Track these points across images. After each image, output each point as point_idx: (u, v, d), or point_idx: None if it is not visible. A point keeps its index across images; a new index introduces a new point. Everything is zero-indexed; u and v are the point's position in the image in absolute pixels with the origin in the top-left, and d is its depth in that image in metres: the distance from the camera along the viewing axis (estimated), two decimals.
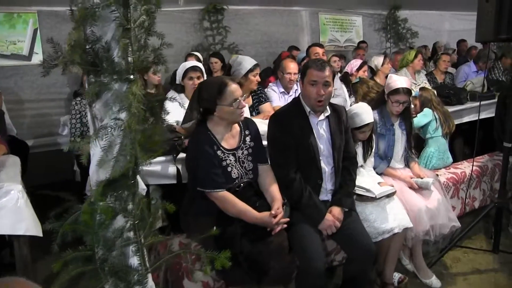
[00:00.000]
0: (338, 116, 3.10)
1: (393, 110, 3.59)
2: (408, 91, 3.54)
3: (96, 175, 2.08)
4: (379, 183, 3.44)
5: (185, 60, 5.21)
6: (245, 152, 2.90)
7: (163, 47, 2.24)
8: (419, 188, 3.54)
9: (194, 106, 2.86)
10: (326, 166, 3.04)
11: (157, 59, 2.25)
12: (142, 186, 3.03)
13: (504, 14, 3.22)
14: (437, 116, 4.28)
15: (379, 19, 9.22)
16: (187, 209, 2.94)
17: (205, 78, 4.13)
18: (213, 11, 7.12)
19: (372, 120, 3.37)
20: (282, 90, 4.64)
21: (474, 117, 5.08)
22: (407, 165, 3.80)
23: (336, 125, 3.07)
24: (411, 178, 3.60)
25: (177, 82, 4.09)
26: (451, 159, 4.39)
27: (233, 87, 2.73)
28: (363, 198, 3.28)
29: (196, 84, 3.99)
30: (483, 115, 5.06)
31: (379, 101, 3.72)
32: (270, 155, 3.04)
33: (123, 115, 1.89)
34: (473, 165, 4.06)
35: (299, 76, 3.29)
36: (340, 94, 4.89)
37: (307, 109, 2.98)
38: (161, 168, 3.20)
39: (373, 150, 3.55)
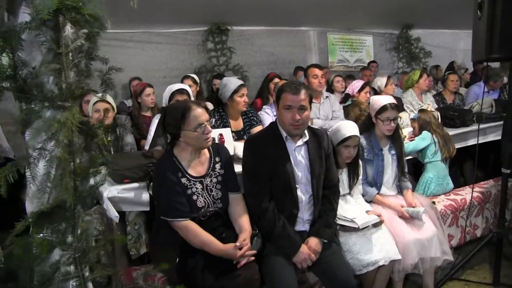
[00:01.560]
0: (318, 141, 2.93)
1: (385, 130, 3.42)
2: (395, 106, 3.39)
3: (31, 205, 1.96)
4: (367, 211, 3.26)
5: (182, 82, 5.08)
6: (214, 180, 2.76)
7: (111, 71, 2.09)
8: (411, 218, 3.32)
9: (159, 132, 2.73)
10: (303, 195, 2.86)
11: (106, 84, 2.11)
12: (113, 214, 2.94)
13: (496, 33, 3.03)
14: (436, 140, 4.06)
15: (390, 38, 9.01)
16: (154, 238, 2.82)
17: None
18: (217, 32, 7.06)
19: (357, 134, 3.20)
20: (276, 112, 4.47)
21: (481, 140, 4.85)
22: (400, 192, 3.59)
23: (316, 151, 2.89)
24: (402, 206, 3.39)
25: (164, 105, 3.99)
26: (451, 185, 4.15)
27: (198, 111, 2.60)
28: (346, 228, 3.10)
29: None
30: (490, 138, 4.86)
31: (365, 125, 3.54)
32: (244, 183, 2.88)
33: (50, 145, 1.77)
34: (472, 191, 3.82)
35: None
36: (338, 116, 4.72)
37: (284, 134, 2.83)
38: (134, 194, 3.07)
39: (360, 178, 3.36)
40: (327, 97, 4.89)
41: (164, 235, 2.69)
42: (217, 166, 2.79)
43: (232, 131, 4.00)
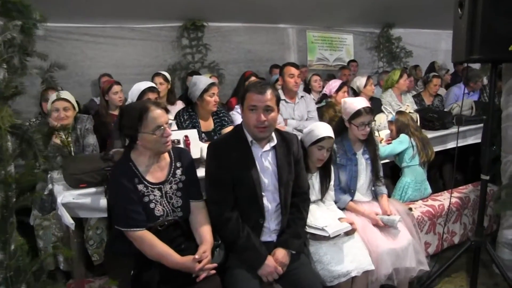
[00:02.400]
0: (287, 146, 2.73)
1: (359, 135, 3.25)
2: (370, 110, 3.23)
3: None
4: (339, 219, 3.08)
5: (152, 80, 4.86)
6: (174, 186, 2.55)
7: (53, 69, 1.87)
8: (385, 226, 3.15)
9: (116, 134, 2.51)
10: (270, 203, 2.67)
11: (48, 83, 1.88)
12: (68, 221, 2.73)
13: (476, 32, 2.86)
14: (414, 143, 3.90)
15: (371, 37, 8.87)
16: (109, 247, 2.61)
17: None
18: (192, 28, 6.82)
19: (332, 136, 3.04)
20: None
21: (461, 142, 4.74)
22: (375, 197, 3.42)
23: (284, 156, 2.70)
24: (377, 214, 3.22)
25: None
26: (429, 190, 4.00)
27: (156, 112, 2.39)
28: (316, 237, 2.92)
29: None
30: (470, 141, 4.74)
31: (338, 129, 3.36)
32: (206, 190, 2.69)
33: None
34: (451, 197, 3.66)
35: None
36: (313, 117, 4.56)
37: (249, 138, 2.62)
38: (91, 200, 2.88)
39: (332, 182, 3.19)
40: (302, 97, 4.71)
41: (119, 244, 2.48)
42: (178, 171, 2.58)
43: (202, 132, 3.83)
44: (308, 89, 5.97)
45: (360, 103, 3.27)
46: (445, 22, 7.83)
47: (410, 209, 3.55)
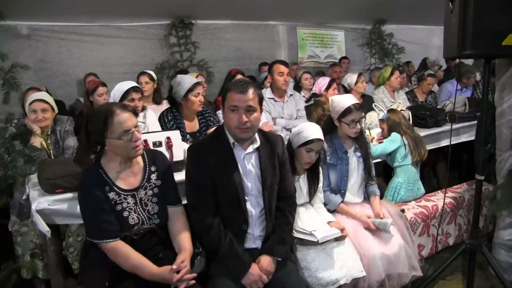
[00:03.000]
0: (272, 148, 2.60)
1: (350, 133, 3.14)
2: (360, 107, 3.12)
3: None
4: (329, 222, 2.96)
5: (137, 80, 4.72)
6: (149, 192, 2.42)
7: (15, 69, 1.73)
8: (377, 230, 3.03)
9: (84, 140, 2.37)
10: (253, 208, 2.54)
11: (9, 84, 1.75)
12: (44, 228, 2.59)
13: (468, 27, 2.74)
14: (406, 142, 3.78)
15: (362, 34, 8.75)
16: (83, 257, 2.47)
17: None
18: (180, 26, 6.68)
19: (321, 138, 2.91)
20: None
21: (454, 140, 4.62)
22: (367, 198, 3.30)
23: (268, 158, 2.57)
24: (369, 217, 3.09)
25: None
26: (422, 190, 3.88)
27: (123, 116, 2.24)
28: (304, 242, 2.79)
29: (138, 106, 3.58)
30: (463, 138, 4.63)
31: (327, 128, 3.24)
32: (186, 196, 2.55)
33: None
34: (445, 198, 3.54)
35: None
36: (303, 116, 4.43)
37: (231, 139, 2.49)
38: (68, 206, 2.74)
39: (320, 184, 3.06)
40: (291, 95, 4.59)
41: (94, 254, 2.33)
42: (153, 176, 2.45)
43: (187, 133, 3.70)
44: (298, 87, 5.83)
45: (349, 100, 3.15)
46: (437, 17, 7.69)
47: (403, 210, 3.43)
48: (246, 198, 2.50)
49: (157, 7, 6.10)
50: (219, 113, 4.15)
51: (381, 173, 4.31)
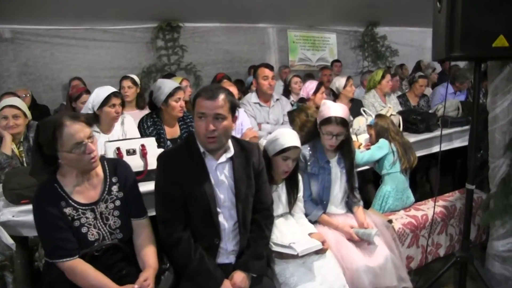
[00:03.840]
0: (247, 157, 2.44)
1: (326, 143, 2.97)
2: (342, 122, 2.92)
3: None
4: (310, 234, 2.79)
5: (120, 84, 4.57)
6: (110, 205, 2.25)
7: None
8: (361, 241, 2.86)
9: (36, 154, 2.20)
10: (226, 221, 2.38)
11: None
12: (8, 241, 2.45)
13: (457, 27, 2.58)
14: (394, 149, 3.62)
15: (355, 36, 8.64)
16: (44, 274, 2.31)
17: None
18: (167, 29, 6.55)
19: (296, 145, 2.73)
20: None
21: (447, 146, 4.47)
22: (350, 209, 3.14)
23: (243, 168, 2.41)
24: (352, 227, 2.93)
25: (90, 110, 3.48)
26: (412, 199, 3.71)
27: (73, 128, 2.06)
28: (283, 256, 2.62)
29: (119, 112, 3.44)
30: (456, 144, 4.48)
31: (311, 134, 3.08)
32: (155, 208, 2.39)
33: None
34: (435, 207, 3.37)
35: None
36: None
37: (202, 148, 2.33)
38: None
39: (300, 193, 2.90)
40: (278, 99, 4.44)
41: (55, 271, 2.16)
42: (114, 188, 2.28)
43: (167, 139, 3.55)
44: (288, 90, 5.67)
45: (336, 111, 2.97)
46: (431, 19, 7.62)
47: (390, 221, 3.27)
48: (218, 210, 2.34)
49: (144, 10, 5.99)
50: None
51: (371, 179, 4.15)
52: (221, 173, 2.36)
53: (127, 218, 2.29)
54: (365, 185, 4.11)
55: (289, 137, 2.72)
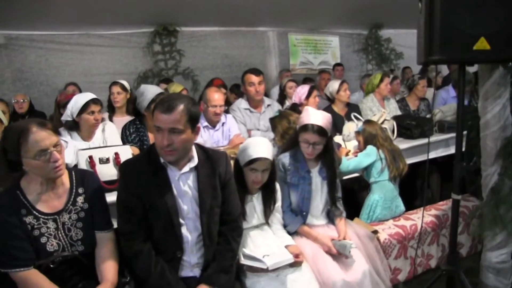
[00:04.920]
0: (212, 167, 2.35)
1: (304, 152, 2.85)
2: (319, 130, 2.79)
3: None
4: (287, 246, 2.67)
5: (109, 89, 4.50)
6: (74, 216, 2.19)
7: None
8: (340, 254, 2.74)
9: (1, 158, 2.13)
10: (190, 233, 2.28)
11: None
12: None
13: (436, 29, 2.46)
14: (382, 156, 3.47)
15: (358, 39, 8.47)
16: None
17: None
18: (164, 33, 6.47)
19: (267, 156, 2.60)
20: (206, 124, 3.92)
21: (443, 151, 4.32)
22: (332, 221, 3.02)
23: (208, 178, 2.31)
24: (333, 239, 2.80)
25: (70, 117, 3.41)
26: (402, 208, 3.56)
27: (39, 135, 2.00)
28: (254, 269, 2.51)
29: (98, 119, 3.37)
30: (453, 149, 4.27)
31: (292, 142, 2.97)
32: (117, 219, 2.30)
33: None
34: (423, 216, 3.24)
35: None
36: None
37: (162, 159, 2.24)
38: None
39: (278, 203, 2.79)
40: (269, 105, 4.34)
41: (9, 285, 2.09)
42: (80, 199, 2.22)
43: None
44: (283, 95, 5.56)
45: (316, 119, 2.84)
46: None
47: (376, 231, 3.13)
48: (181, 222, 2.26)
49: (140, 15, 5.91)
50: None
51: (363, 185, 4.01)
52: (184, 184, 2.27)
53: (91, 231, 2.22)
54: (362, 191, 3.98)
55: (258, 148, 2.60)
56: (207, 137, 3.92)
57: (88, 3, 5.07)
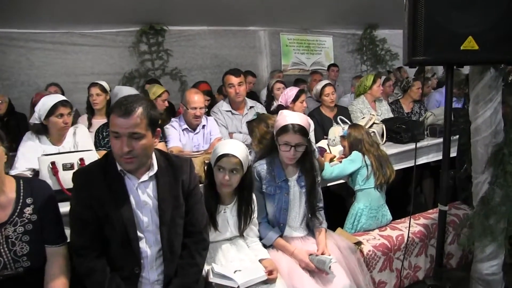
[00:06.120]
0: (175, 175, 2.16)
1: (284, 157, 2.67)
2: (301, 130, 2.61)
3: None
4: (261, 260, 2.49)
5: (88, 91, 4.32)
6: (20, 229, 2.01)
7: None
8: (318, 270, 2.55)
9: None
10: (149, 247, 2.10)
11: None
12: None
13: (419, 27, 2.28)
14: (368, 162, 3.29)
15: (353, 39, 8.28)
16: None
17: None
18: (151, 32, 6.27)
19: (233, 153, 2.41)
20: (186, 126, 3.74)
21: (435, 156, 4.14)
22: (312, 232, 2.84)
23: (169, 187, 2.13)
24: (311, 254, 2.61)
25: (37, 120, 3.23)
26: (388, 217, 3.38)
27: None
28: (223, 287, 2.32)
29: (68, 122, 3.18)
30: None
31: (268, 148, 2.78)
32: (70, 233, 2.11)
33: None
34: (410, 226, 3.05)
35: None
36: None
37: (119, 167, 2.06)
38: None
39: (254, 215, 2.60)
40: (252, 107, 4.15)
41: None
42: (27, 210, 2.04)
43: None
44: (271, 97, 5.37)
45: (293, 118, 2.66)
46: None
47: (359, 243, 2.94)
48: (140, 235, 2.08)
49: (125, 13, 5.70)
50: (166, 127, 3.77)
51: (351, 192, 3.83)
52: (143, 193, 2.09)
53: (40, 245, 2.05)
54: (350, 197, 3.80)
55: (227, 146, 2.45)
56: (186, 140, 3.74)
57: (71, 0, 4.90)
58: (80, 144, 3.37)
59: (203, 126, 3.81)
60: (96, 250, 2.02)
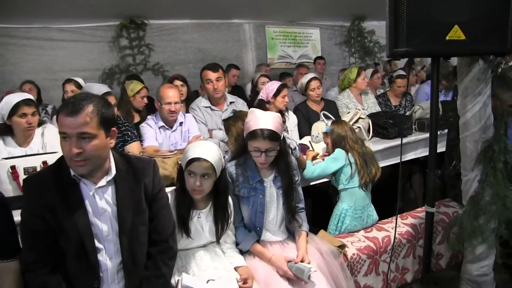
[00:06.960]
0: (136, 177, 1.99)
1: (256, 161, 2.48)
2: (271, 135, 2.42)
3: None
4: (236, 268, 2.32)
5: (63, 87, 4.13)
6: None
7: None
8: (298, 278, 2.38)
9: None
10: (109, 259, 1.93)
11: None
12: None
13: (401, 17, 2.11)
14: (352, 160, 3.12)
15: (340, 31, 8.13)
16: None
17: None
18: (132, 26, 6.09)
19: (205, 157, 2.23)
20: (162, 124, 3.56)
21: (423, 152, 3.99)
22: (292, 234, 2.67)
23: (129, 192, 1.96)
24: (290, 260, 2.45)
25: (1, 121, 3.05)
26: (374, 217, 3.22)
27: None
28: None
29: (32, 122, 2.99)
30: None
31: (241, 149, 2.61)
32: (22, 246, 1.93)
33: None
34: (396, 227, 2.89)
35: None
36: None
37: (72, 172, 1.87)
38: None
39: (231, 220, 2.43)
40: (232, 102, 3.96)
41: None
42: None
43: None
44: (255, 91, 5.20)
45: (264, 122, 2.47)
46: None
47: (342, 246, 2.78)
48: (98, 246, 1.90)
49: (104, 7, 5.50)
50: (142, 126, 3.60)
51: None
52: (101, 199, 1.91)
53: None
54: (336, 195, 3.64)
55: (198, 149, 2.27)
56: (163, 138, 3.56)
57: None
58: (49, 145, 3.17)
59: (181, 123, 3.63)
60: (49, 264, 1.85)
